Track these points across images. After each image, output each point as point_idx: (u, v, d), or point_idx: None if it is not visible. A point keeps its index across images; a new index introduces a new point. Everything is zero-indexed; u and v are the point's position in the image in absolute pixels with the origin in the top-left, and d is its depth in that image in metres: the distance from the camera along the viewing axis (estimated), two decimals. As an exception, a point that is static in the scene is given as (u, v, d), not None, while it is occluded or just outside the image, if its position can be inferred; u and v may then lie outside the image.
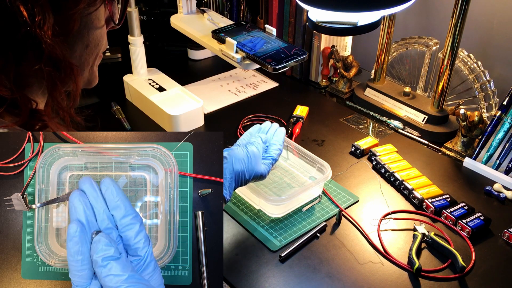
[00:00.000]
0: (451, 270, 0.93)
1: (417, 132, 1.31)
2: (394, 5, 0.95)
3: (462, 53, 1.29)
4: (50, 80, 0.59)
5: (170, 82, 1.42)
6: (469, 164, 1.19)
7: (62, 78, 0.60)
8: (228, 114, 1.41)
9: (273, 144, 0.98)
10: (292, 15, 1.48)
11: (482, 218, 1.01)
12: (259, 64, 1.08)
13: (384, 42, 1.35)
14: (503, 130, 1.15)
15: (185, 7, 1.34)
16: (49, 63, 0.58)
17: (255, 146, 0.94)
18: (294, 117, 1.36)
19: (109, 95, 1.45)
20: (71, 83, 0.62)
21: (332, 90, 1.51)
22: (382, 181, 1.15)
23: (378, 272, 0.93)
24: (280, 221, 1.03)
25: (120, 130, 1.31)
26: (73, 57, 0.63)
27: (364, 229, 1.01)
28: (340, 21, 0.99)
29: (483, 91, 1.27)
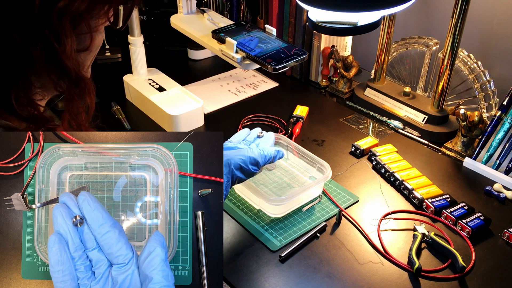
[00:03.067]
0: (451, 270, 0.93)
1: (417, 132, 1.31)
2: (394, 5, 0.95)
3: (462, 53, 1.29)
4: (69, 95, 0.60)
5: (170, 82, 1.42)
6: (469, 164, 1.19)
7: (78, 92, 0.61)
8: (228, 114, 1.41)
9: (265, 143, 1.02)
10: (292, 15, 1.48)
11: (482, 218, 1.01)
12: (259, 64, 1.08)
13: (384, 42, 1.35)
14: (503, 130, 1.15)
15: (185, 7, 1.34)
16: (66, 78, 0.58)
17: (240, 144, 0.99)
18: (294, 117, 1.36)
19: (109, 95, 1.45)
20: (87, 97, 0.63)
21: (332, 90, 1.51)
22: (382, 181, 1.15)
23: (378, 272, 0.93)
24: (280, 221, 1.03)
25: (120, 130, 1.31)
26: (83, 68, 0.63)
27: (364, 229, 1.01)
28: (340, 21, 0.99)
29: (483, 91, 1.27)
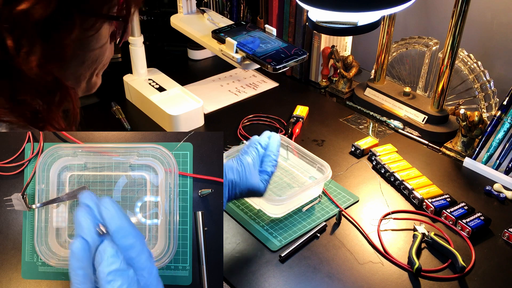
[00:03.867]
0: (451, 270, 0.93)
1: (417, 132, 1.31)
2: (394, 5, 0.95)
3: (462, 53, 1.29)
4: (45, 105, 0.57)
5: (170, 82, 1.42)
6: (469, 164, 1.19)
7: (56, 101, 0.58)
8: (228, 114, 1.41)
9: (268, 156, 0.93)
10: (292, 15, 1.48)
11: (482, 218, 1.01)
12: (259, 64, 1.08)
13: (384, 42, 1.35)
14: (503, 130, 1.15)
15: (185, 7, 1.34)
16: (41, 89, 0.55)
17: (249, 157, 0.89)
18: (294, 117, 1.36)
19: (109, 95, 1.45)
20: (68, 104, 0.60)
21: (332, 90, 1.51)
22: (382, 181, 1.15)
23: (378, 272, 0.93)
24: (280, 221, 1.03)
25: (120, 130, 1.31)
26: (67, 76, 0.60)
27: (364, 229, 1.01)
28: (340, 21, 0.99)
29: (483, 91, 1.27)
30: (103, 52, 0.63)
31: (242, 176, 0.86)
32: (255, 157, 0.90)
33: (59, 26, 0.54)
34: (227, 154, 1.13)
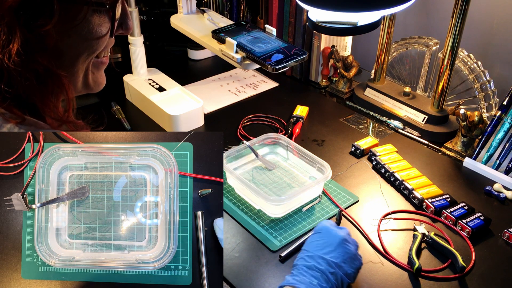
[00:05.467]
0: (451, 270, 0.93)
1: (417, 132, 1.31)
2: (394, 5, 0.95)
3: (462, 53, 1.29)
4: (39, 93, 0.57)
5: (170, 82, 1.42)
6: (469, 164, 1.19)
7: (51, 90, 0.58)
8: (228, 114, 1.41)
9: None
10: (292, 15, 1.48)
11: (482, 218, 1.01)
12: (259, 64, 1.08)
13: (384, 42, 1.35)
14: (503, 130, 1.15)
15: (185, 7, 1.34)
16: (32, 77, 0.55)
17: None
18: (294, 117, 1.36)
19: (109, 95, 1.45)
20: (63, 92, 0.60)
21: (332, 90, 1.51)
22: (382, 181, 1.15)
23: (378, 272, 0.92)
24: (280, 221, 1.03)
25: (120, 130, 1.31)
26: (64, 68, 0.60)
27: (364, 229, 1.01)
28: (340, 21, 0.99)
29: (483, 91, 1.27)
30: (100, 44, 0.63)
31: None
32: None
33: (38, 13, 0.53)
34: (227, 154, 1.13)
